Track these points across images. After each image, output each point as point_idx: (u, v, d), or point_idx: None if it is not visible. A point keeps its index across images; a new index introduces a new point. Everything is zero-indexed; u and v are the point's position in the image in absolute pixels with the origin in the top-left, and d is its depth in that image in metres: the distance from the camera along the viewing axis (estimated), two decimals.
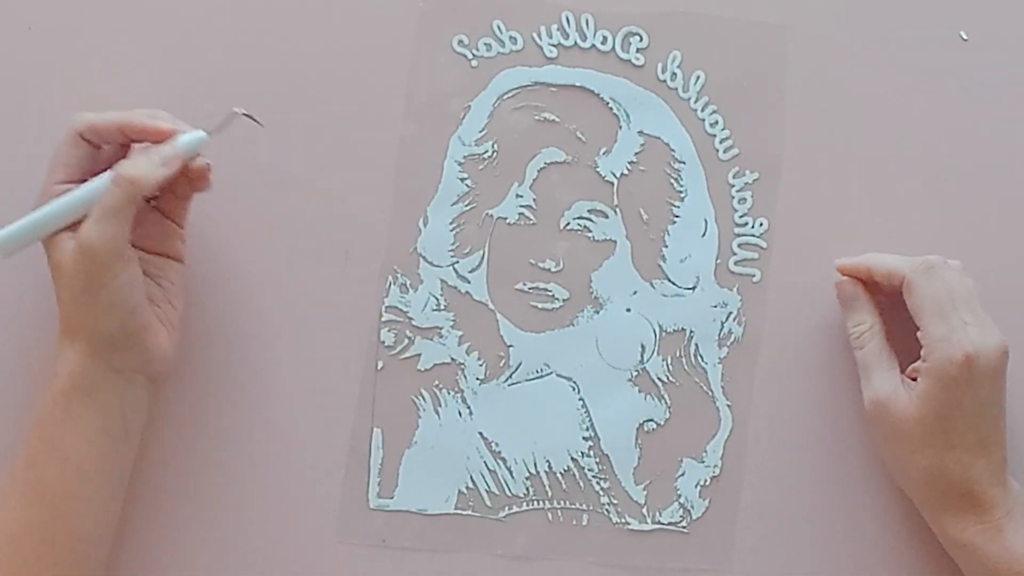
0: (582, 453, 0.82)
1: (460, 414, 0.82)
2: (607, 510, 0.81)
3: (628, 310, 0.82)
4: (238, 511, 0.80)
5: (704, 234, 0.83)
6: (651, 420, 0.82)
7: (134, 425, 0.76)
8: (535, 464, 0.82)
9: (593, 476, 0.82)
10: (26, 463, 0.74)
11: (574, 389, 0.82)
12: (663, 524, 0.82)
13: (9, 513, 0.73)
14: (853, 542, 0.81)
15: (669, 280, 0.82)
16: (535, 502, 0.82)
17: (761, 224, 0.83)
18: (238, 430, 0.81)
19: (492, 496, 0.81)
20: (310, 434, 0.81)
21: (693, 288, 0.83)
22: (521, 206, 0.82)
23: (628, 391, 0.82)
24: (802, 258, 0.83)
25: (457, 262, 0.82)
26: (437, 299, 0.82)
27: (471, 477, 0.81)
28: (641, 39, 0.83)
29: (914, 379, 0.76)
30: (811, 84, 0.84)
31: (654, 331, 0.82)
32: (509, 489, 0.81)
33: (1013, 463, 0.78)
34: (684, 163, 0.83)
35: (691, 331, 0.82)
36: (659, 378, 0.82)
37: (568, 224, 0.82)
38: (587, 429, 0.82)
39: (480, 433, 0.82)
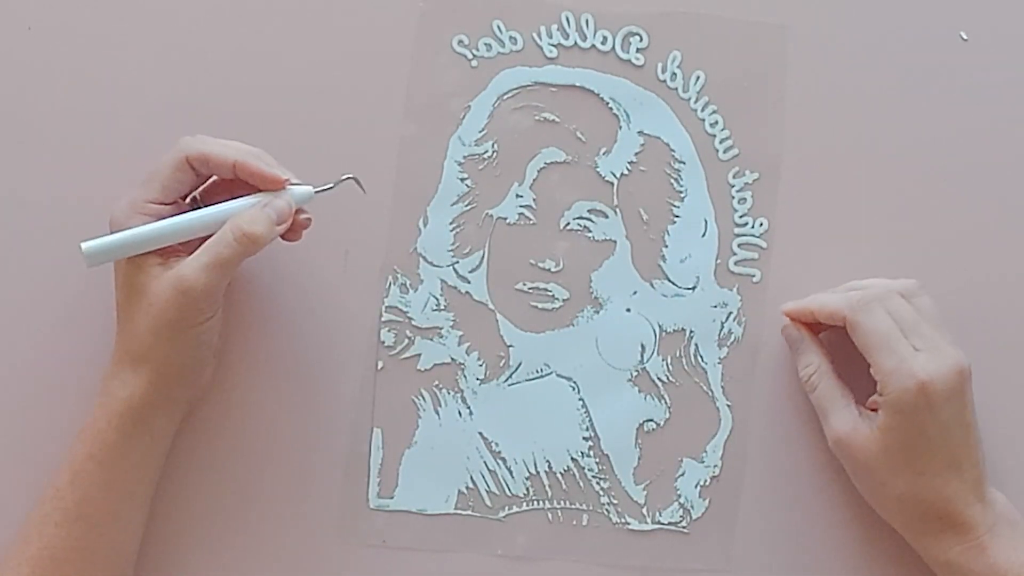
0: (582, 453, 0.82)
1: (460, 414, 0.82)
2: (607, 510, 0.81)
3: (628, 310, 0.82)
4: (238, 511, 0.80)
5: (704, 234, 0.83)
6: (651, 420, 0.82)
7: (169, 444, 0.77)
8: (535, 464, 0.82)
9: (593, 476, 0.82)
10: (71, 481, 0.74)
11: (574, 389, 0.82)
12: (663, 524, 0.82)
13: (52, 529, 0.73)
14: (853, 542, 0.81)
15: (669, 280, 0.82)
16: (535, 502, 0.81)
17: (761, 224, 0.83)
18: (238, 430, 0.81)
19: (492, 496, 0.81)
20: (310, 434, 0.81)
21: (693, 288, 0.83)
22: (521, 206, 0.82)
23: (628, 391, 0.82)
24: (802, 258, 0.83)
25: (457, 262, 0.82)
26: (437, 299, 0.82)
27: (471, 477, 0.81)
28: (641, 39, 0.83)
29: (875, 410, 0.76)
30: (811, 84, 0.84)
31: (654, 331, 0.82)
32: (509, 489, 0.81)
33: (999, 474, 0.77)
34: (684, 163, 0.83)
35: (691, 331, 0.82)
36: (659, 378, 0.82)
37: (568, 224, 0.82)
38: (587, 429, 0.82)
39: (480, 433, 0.82)
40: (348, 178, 0.77)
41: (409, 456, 0.81)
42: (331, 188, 0.76)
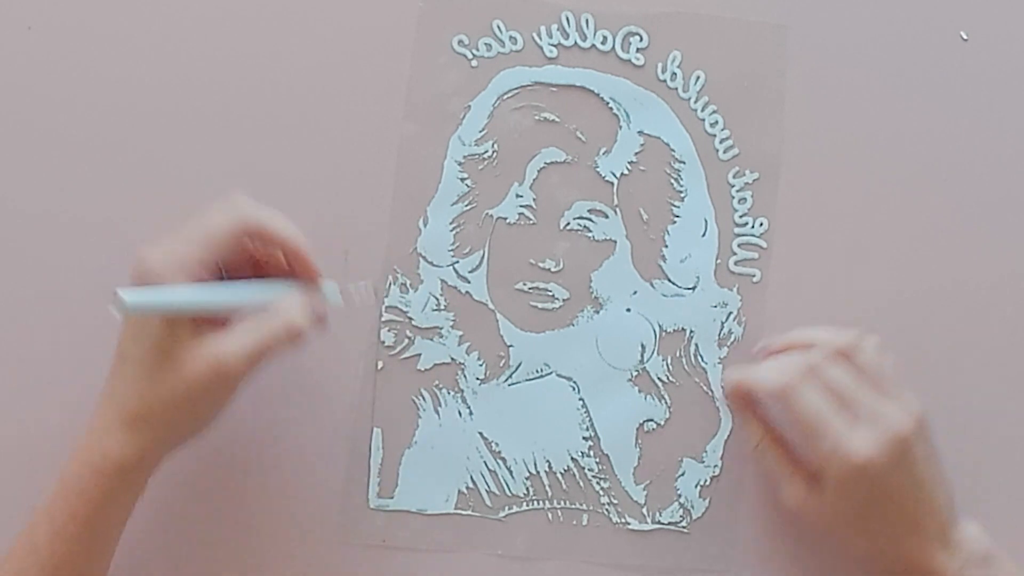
0: (582, 453, 0.82)
1: (460, 414, 0.82)
2: (607, 510, 0.81)
3: (628, 310, 0.82)
4: (238, 511, 0.80)
5: (704, 234, 0.83)
6: (651, 420, 0.82)
7: None
8: (535, 464, 0.82)
9: (593, 476, 0.82)
10: (51, 539, 0.70)
11: (574, 389, 0.82)
12: (663, 524, 0.81)
13: None
14: None
15: (669, 280, 0.82)
16: (535, 502, 0.81)
17: (761, 224, 0.83)
18: (238, 430, 0.81)
19: (492, 496, 0.81)
20: (310, 434, 0.81)
21: (693, 288, 0.83)
22: (521, 206, 0.82)
23: (628, 391, 0.82)
24: (802, 258, 0.83)
25: (457, 262, 0.82)
26: (437, 299, 0.82)
27: (471, 477, 0.81)
28: (641, 39, 0.83)
29: None
30: (811, 84, 0.84)
31: (654, 331, 0.82)
32: (509, 489, 0.81)
33: (971, 504, 0.77)
34: (684, 163, 0.83)
35: (691, 331, 0.82)
36: (659, 378, 0.82)
37: (568, 224, 0.82)
38: (587, 429, 0.82)
39: (480, 433, 0.82)
40: (368, 285, 0.77)
41: (409, 456, 0.81)
42: (359, 297, 0.77)
